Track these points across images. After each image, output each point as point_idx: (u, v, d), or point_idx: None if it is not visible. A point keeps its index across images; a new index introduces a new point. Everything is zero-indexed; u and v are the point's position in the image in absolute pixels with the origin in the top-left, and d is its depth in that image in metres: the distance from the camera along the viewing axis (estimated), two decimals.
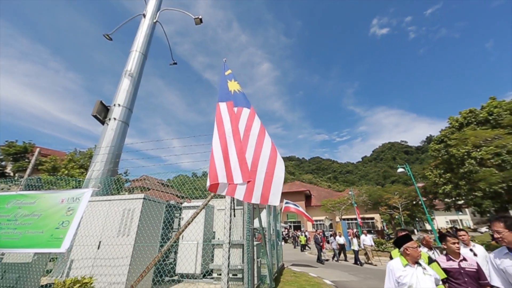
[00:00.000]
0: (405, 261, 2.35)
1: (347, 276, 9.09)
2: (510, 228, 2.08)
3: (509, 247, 2.13)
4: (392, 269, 2.34)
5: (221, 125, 2.81)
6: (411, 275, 2.23)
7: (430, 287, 2.19)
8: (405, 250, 2.38)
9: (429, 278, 2.24)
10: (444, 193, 20.30)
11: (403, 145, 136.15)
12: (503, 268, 2.13)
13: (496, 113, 16.79)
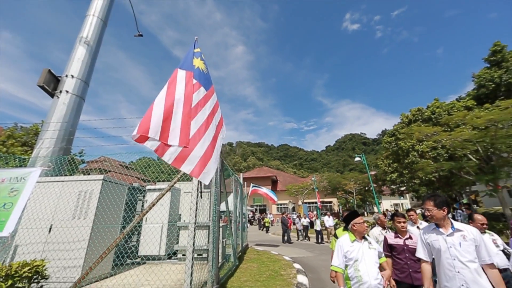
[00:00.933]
0: (353, 237, 2.47)
1: (304, 252, 10.02)
2: (438, 206, 2.20)
3: (437, 223, 2.26)
4: (341, 245, 2.43)
5: (172, 89, 2.66)
6: (357, 250, 2.36)
7: (373, 260, 2.35)
8: (352, 226, 2.49)
9: (373, 252, 2.40)
10: (391, 180, 23.14)
11: (362, 137, 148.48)
12: (429, 242, 2.27)
13: (437, 113, 19.37)
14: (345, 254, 2.37)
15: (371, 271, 2.25)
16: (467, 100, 19.35)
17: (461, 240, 2.09)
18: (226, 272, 5.53)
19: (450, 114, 17.21)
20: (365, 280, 2.21)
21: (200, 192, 3.65)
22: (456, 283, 2.02)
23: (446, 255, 2.10)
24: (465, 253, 2.03)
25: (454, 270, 2.04)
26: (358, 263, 2.29)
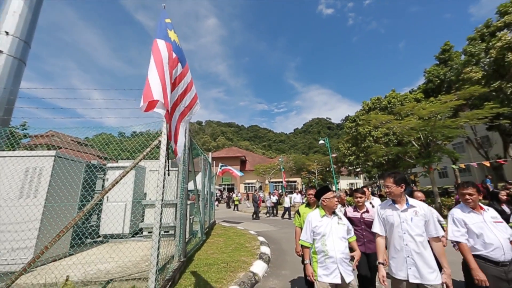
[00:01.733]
0: (323, 212, 2.46)
1: (268, 227, 10.79)
2: (397, 183, 2.26)
3: (394, 199, 2.33)
4: (310, 220, 2.43)
5: (159, 59, 2.54)
6: (326, 225, 2.35)
7: (341, 235, 2.34)
8: (322, 202, 2.46)
9: (342, 228, 2.39)
10: (348, 162, 25.46)
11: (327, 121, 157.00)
12: (385, 217, 2.33)
13: (393, 103, 21.41)
14: (313, 229, 2.37)
15: (337, 246, 2.25)
16: (418, 93, 21.67)
17: (413, 216, 2.17)
18: (193, 247, 5.74)
19: (402, 104, 19.19)
20: (331, 254, 2.22)
21: (168, 170, 3.62)
22: (402, 254, 2.13)
23: (398, 229, 2.19)
24: (415, 227, 2.13)
25: (403, 243, 2.14)
26: (326, 238, 2.29)
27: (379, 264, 2.25)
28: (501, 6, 14.76)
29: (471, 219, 2.37)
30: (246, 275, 4.23)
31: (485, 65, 14.31)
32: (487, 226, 2.29)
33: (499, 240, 2.21)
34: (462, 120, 12.42)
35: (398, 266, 2.15)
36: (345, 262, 2.24)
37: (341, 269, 2.19)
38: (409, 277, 2.06)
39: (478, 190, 2.43)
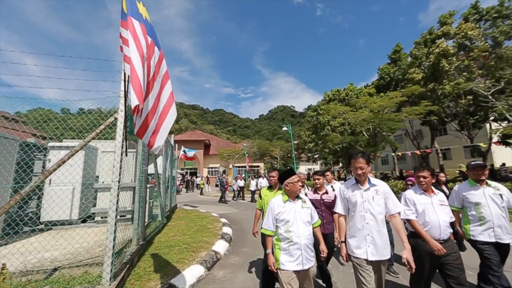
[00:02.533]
0: (286, 197, 2.30)
1: (231, 209, 11.07)
2: (368, 162, 2.24)
3: (358, 179, 2.29)
4: (273, 207, 2.26)
5: (138, 43, 2.30)
6: (289, 211, 2.21)
7: (306, 220, 2.21)
8: (286, 186, 2.29)
9: (306, 212, 2.25)
10: (308, 149, 27.19)
11: (291, 109, 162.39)
12: (347, 197, 2.30)
13: (350, 95, 23.25)
14: (276, 216, 2.22)
15: (302, 232, 2.14)
16: (371, 88, 23.88)
17: (374, 194, 2.19)
18: (152, 230, 5.60)
19: (358, 97, 20.99)
20: (295, 241, 2.11)
21: (126, 150, 3.38)
22: (363, 233, 2.15)
23: (360, 208, 2.19)
24: (376, 206, 2.16)
25: (364, 221, 2.15)
26: (290, 224, 2.16)
27: (341, 242, 2.27)
28: (442, 17, 16.89)
29: (420, 199, 2.52)
30: (208, 254, 4.37)
31: (425, 68, 16.47)
32: (432, 208, 2.45)
33: (438, 221, 2.39)
34: (403, 115, 14.28)
35: (358, 244, 2.16)
36: (309, 248, 2.15)
37: (304, 255, 2.10)
38: (368, 255, 2.09)
39: (432, 173, 2.57)
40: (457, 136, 16.84)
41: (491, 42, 13.97)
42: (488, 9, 14.59)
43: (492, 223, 2.63)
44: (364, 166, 2.22)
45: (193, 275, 3.52)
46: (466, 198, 2.82)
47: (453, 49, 14.80)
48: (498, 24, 13.80)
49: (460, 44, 14.90)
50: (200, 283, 3.48)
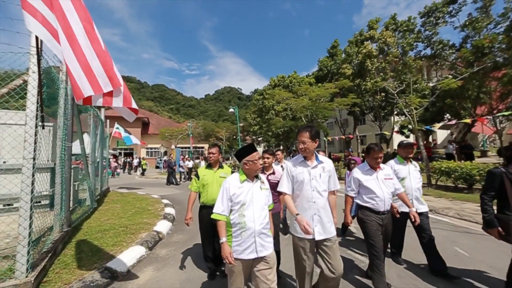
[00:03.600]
0: (243, 176, 2.00)
1: (173, 190, 10.72)
2: (313, 138, 2.09)
3: (305, 156, 2.16)
4: (228, 187, 1.95)
5: (63, 19, 1.92)
6: (247, 192, 1.94)
7: (263, 203, 1.98)
8: (245, 165, 2.00)
9: (264, 194, 2.02)
10: (253, 131, 28.15)
11: (238, 92, 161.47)
12: (294, 175, 2.15)
13: (293, 83, 24.84)
14: (231, 197, 1.91)
15: (257, 216, 1.90)
16: (311, 77, 26.04)
17: (321, 172, 2.13)
18: (80, 215, 4.98)
19: (300, 85, 22.64)
20: (249, 226, 1.86)
21: (42, 124, 2.83)
22: (310, 212, 2.07)
23: (307, 186, 2.10)
24: (322, 183, 2.11)
25: (311, 200, 2.07)
26: (245, 208, 1.89)
27: (297, 215, 2.05)
28: (370, 22, 19.50)
29: (366, 176, 2.60)
30: (150, 234, 4.26)
31: (355, 65, 19.01)
32: (377, 183, 2.55)
33: (383, 194, 2.50)
34: (335, 104, 16.36)
35: None
36: (263, 233, 1.90)
37: (259, 242, 1.86)
38: (315, 235, 2.03)
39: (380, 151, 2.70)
40: (372, 125, 20.59)
41: (401, 50, 17.16)
42: (402, 22, 17.69)
43: (411, 196, 2.92)
44: (306, 141, 2.08)
45: (133, 256, 3.41)
46: (395, 173, 2.96)
47: (376, 52, 17.52)
48: (406, 36, 16.98)
49: (381, 48, 17.71)
50: (141, 263, 3.42)
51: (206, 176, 2.95)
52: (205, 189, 2.93)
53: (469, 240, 4.00)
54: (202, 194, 2.96)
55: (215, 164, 3.05)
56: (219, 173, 2.98)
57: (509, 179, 2.22)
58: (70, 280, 2.69)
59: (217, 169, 3.01)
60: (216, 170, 3.00)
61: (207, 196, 2.90)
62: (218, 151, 3.06)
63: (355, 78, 18.64)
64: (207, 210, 2.81)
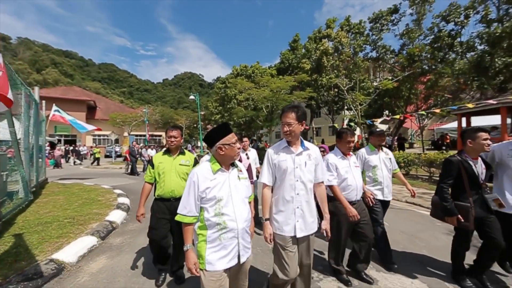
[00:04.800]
0: (216, 165, 1.58)
1: (127, 180, 10.07)
2: (299, 120, 1.81)
3: (289, 140, 1.88)
4: (196, 181, 1.52)
5: None
6: (222, 185, 1.55)
7: (244, 195, 1.62)
8: (218, 150, 1.56)
9: (244, 184, 1.65)
10: (214, 120, 27.71)
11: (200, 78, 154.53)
12: (276, 162, 1.87)
13: (256, 73, 25.07)
14: (202, 193, 1.51)
15: (240, 213, 1.55)
16: (273, 69, 26.64)
17: (306, 160, 1.87)
18: (12, 209, 4.41)
19: (262, 76, 23.01)
20: (230, 226, 1.49)
21: None
22: (292, 206, 1.81)
23: (290, 176, 1.82)
24: (307, 173, 1.85)
25: (295, 192, 1.81)
26: (223, 204, 1.51)
27: (266, 220, 1.83)
28: (328, 20, 20.77)
29: (341, 163, 2.45)
30: (101, 224, 4.08)
31: (313, 60, 20.16)
32: (351, 170, 2.43)
33: (356, 183, 2.39)
34: (293, 97, 17.24)
35: (285, 220, 1.81)
36: (247, 232, 1.61)
37: (242, 244, 1.55)
38: (296, 231, 1.80)
39: None
40: (326, 118, 22.44)
41: (353, 50, 18.88)
42: (354, 24, 19.34)
43: (382, 184, 2.86)
44: (292, 122, 1.79)
45: (83, 246, 3.27)
46: (366, 161, 2.95)
47: (332, 50, 18.88)
48: (357, 38, 18.71)
49: (336, 47, 19.14)
50: (93, 252, 3.30)
51: (163, 164, 2.48)
52: (161, 179, 2.46)
53: (390, 214, 4.97)
54: (158, 185, 2.48)
55: (175, 151, 2.56)
56: (178, 161, 2.52)
57: (465, 167, 2.26)
58: (7, 275, 2.49)
59: (176, 156, 2.54)
60: (175, 157, 2.53)
61: (163, 188, 2.43)
62: (180, 135, 2.56)
63: (313, 73, 19.84)
64: (163, 203, 2.46)
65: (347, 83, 16.28)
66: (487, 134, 2.26)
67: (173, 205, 2.40)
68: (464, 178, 2.25)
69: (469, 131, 2.36)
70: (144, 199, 2.54)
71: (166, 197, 2.45)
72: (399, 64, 16.40)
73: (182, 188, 2.15)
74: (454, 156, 2.37)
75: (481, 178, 2.29)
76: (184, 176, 2.47)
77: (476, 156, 2.34)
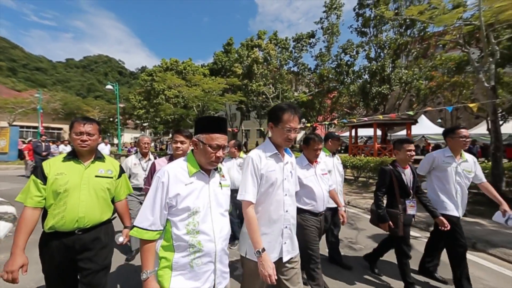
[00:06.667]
0: (195, 165, 1.22)
1: (9, 185, 7.93)
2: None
3: (278, 144, 1.58)
4: (165, 182, 1.15)
5: None
6: (200, 191, 1.19)
7: (224, 208, 1.29)
8: (194, 144, 1.25)
9: (225, 192, 1.32)
10: (137, 115, 24.94)
11: (119, 65, 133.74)
12: (264, 172, 1.50)
13: (187, 70, 24.23)
14: (173, 199, 1.14)
15: (219, 229, 1.21)
16: (206, 68, 26.44)
17: (291, 169, 1.61)
18: None
19: (194, 74, 22.48)
20: (207, 248, 1.15)
21: None
22: (279, 225, 1.51)
23: (279, 190, 1.52)
24: (294, 184, 1.63)
25: (283, 209, 1.52)
26: (200, 218, 1.16)
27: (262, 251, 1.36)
28: (260, 32, 22.54)
29: (306, 173, 2.19)
30: None
31: (244, 66, 21.37)
32: (316, 179, 2.20)
33: (322, 192, 2.17)
34: (225, 99, 17.82)
35: (271, 245, 1.50)
36: (225, 253, 1.28)
37: (219, 269, 1.22)
38: (283, 254, 1.51)
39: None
40: (254, 121, 24.12)
41: (279, 63, 21.23)
42: (280, 39, 21.83)
43: (336, 190, 2.73)
44: (298, 128, 1.54)
45: None
46: None
47: (262, 60, 20.60)
48: (283, 52, 21.21)
49: (265, 57, 21.02)
50: None
51: (65, 177, 1.51)
52: (59, 202, 1.48)
53: None
54: (52, 211, 1.48)
55: (87, 155, 1.61)
56: (94, 170, 1.61)
57: (395, 175, 2.38)
58: None
59: (90, 163, 1.61)
60: (88, 165, 1.60)
61: (63, 215, 1.46)
62: (97, 131, 1.64)
63: (244, 78, 21.02)
64: (61, 241, 1.50)
65: (273, 91, 18.21)
66: (411, 145, 2.41)
67: (79, 241, 1.51)
68: (395, 186, 2.37)
69: (397, 143, 2.52)
70: (24, 237, 1.42)
71: (67, 229, 1.48)
72: (313, 81, 19.69)
73: (98, 213, 1.55)
74: (387, 165, 2.50)
75: (409, 186, 2.39)
76: (104, 194, 1.60)
77: (406, 165, 2.45)
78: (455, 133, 2.44)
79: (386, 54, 14.31)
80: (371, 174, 8.05)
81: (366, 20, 14.89)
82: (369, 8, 14.72)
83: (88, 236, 1.46)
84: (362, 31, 15.49)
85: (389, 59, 14.00)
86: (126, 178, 1.84)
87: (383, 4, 13.49)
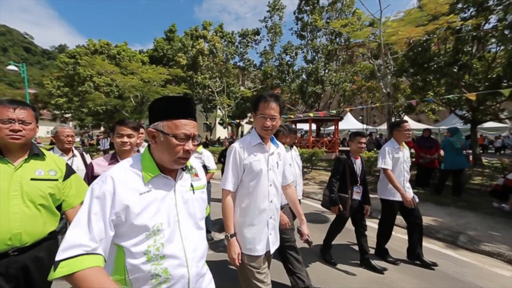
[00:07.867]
0: (153, 168, 0.89)
1: None
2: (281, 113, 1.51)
3: (263, 136, 1.55)
4: (111, 192, 0.80)
5: None
6: (161, 203, 0.88)
7: (198, 217, 0.99)
8: (151, 138, 0.90)
9: (201, 197, 1.03)
10: (56, 104, 20.86)
11: (26, 40, 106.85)
12: (248, 162, 1.49)
13: (122, 55, 21.50)
14: (121, 215, 0.81)
15: (191, 248, 0.93)
16: (145, 55, 24.06)
17: (277, 160, 1.59)
18: None
19: (130, 61, 20.16)
20: (177, 274, 0.87)
21: None
22: (264, 217, 1.51)
23: (264, 180, 1.50)
24: (279, 175, 1.60)
25: (268, 199, 1.52)
26: (165, 238, 0.86)
27: (231, 237, 1.45)
28: (205, 22, 21.85)
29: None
30: None
31: (189, 57, 20.44)
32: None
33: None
34: (167, 91, 16.77)
35: (258, 236, 1.48)
36: (202, 275, 1.00)
37: None
38: (270, 245, 1.52)
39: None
40: (200, 115, 23.51)
41: (225, 56, 21.17)
42: (226, 33, 21.76)
43: (295, 182, 2.76)
44: (276, 116, 1.46)
45: None
46: None
47: (207, 51, 20.10)
48: (229, 46, 21.24)
49: (211, 49, 20.61)
50: None
51: None
52: None
53: None
54: None
55: (20, 150, 1.24)
56: (28, 171, 1.24)
57: (348, 164, 2.62)
58: None
59: (23, 162, 1.23)
60: (19, 164, 1.22)
61: None
62: (34, 118, 1.28)
63: (188, 69, 20.13)
64: None
65: (219, 85, 18.13)
66: (363, 138, 2.65)
67: (15, 264, 1.15)
68: (347, 173, 2.61)
69: (351, 135, 2.76)
70: None
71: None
72: (258, 77, 20.48)
73: (40, 226, 1.22)
74: (342, 154, 2.72)
75: (358, 174, 2.67)
76: (46, 201, 1.25)
77: (357, 156, 2.71)
78: (400, 127, 2.73)
79: (319, 58, 16.17)
80: (305, 164, 9.20)
81: (304, 25, 16.39)
82: (307, 14, 16.25)
83: (28, 256, 1.13)
84: (301, 34, 16.99)
85: (322, 63, 15.89)
86: (78, 179, 1.46)
87: (317, 13, 15.12)
